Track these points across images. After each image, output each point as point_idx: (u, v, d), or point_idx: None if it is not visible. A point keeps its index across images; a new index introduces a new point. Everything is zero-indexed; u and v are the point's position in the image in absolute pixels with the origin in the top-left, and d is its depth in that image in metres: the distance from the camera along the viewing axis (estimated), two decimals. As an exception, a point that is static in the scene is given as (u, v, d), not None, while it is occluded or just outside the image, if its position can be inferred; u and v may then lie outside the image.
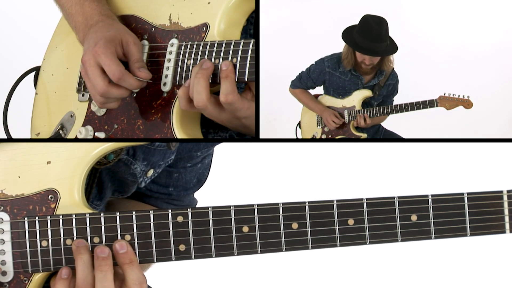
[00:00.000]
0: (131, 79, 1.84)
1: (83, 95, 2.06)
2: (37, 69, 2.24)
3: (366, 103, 3.35)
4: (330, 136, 3.43)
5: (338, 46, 3.30)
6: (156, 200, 2.23)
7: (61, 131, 2.07)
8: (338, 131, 3.41)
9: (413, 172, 3.77)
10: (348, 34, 3.21)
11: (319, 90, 3.48)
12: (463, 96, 3.16)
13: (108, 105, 1.89)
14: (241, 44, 1.76)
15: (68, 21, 2.06)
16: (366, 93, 3.32)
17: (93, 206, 2.01)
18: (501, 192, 1.67)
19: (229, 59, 1.76)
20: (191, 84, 1.77)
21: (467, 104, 3.16)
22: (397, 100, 3.40)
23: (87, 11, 1.98)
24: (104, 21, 1.94)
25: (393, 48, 3.19)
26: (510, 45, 3.93)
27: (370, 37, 3.12)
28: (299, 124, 3.59)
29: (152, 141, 1.96)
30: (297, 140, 3.67)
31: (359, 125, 3.33)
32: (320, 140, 3.58)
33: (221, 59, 1.77)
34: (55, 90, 2.17)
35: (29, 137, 2.20)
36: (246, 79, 1.75)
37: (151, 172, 2.04)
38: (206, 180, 2.29)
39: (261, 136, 1.88)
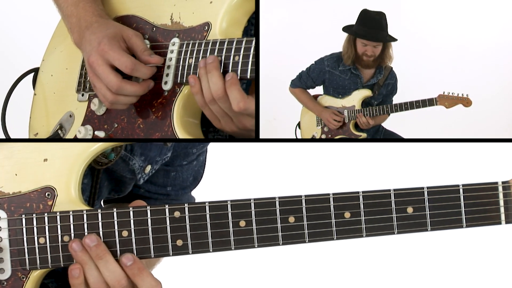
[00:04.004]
0: (143, 67, 1.85)
1: (82, 95, 2.06)
2: (35, 70, 2.25)
3: (366, 103, 3.35)
4: (329, 136, 3.43)
5: (338, 45, 3.30)
6: (155, 202, 2.23)
7: (59, 131, 2.08)
8: (338, 131, 3.41)
9: (413, 172, 3.77)
10: (348, 29, 3.23)
11: (319, 90, 3.48)
12: (462, 94, 3.16)
13: (117, 105, 1.90)
14: (244, 42, 1.77)
15: (64, 22, 2.07)
16: (366, 92, 3.33)
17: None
18: (496, 183, 1.67)
19: (231, 57, 1.77)
20: (204, 83, 1.78)
21: (466, 102, 3.17)
22: (397, 99, 3.40)
23: (81, 12, 1.99)
24: (98, 22, 1.95)
25: (393, 38, 3.20)
26: (510, 45, 3.93)
27: (371, 24, 3.14)
28: (298, 125, 3.60)
29: (152, 141, 1.97)
30: (297, 140, 3.67)
31: (363, 126, 3.33)
32: (320, 140, 3.58)
33: (223, 57, 1.78)
34: (54, 90, 2.17)
35: (27, 137, 2.21)
36: (248, 77, 1.75)
37: (148, 168, 2.04)
38: (202, 177, 2.30)
39: (261, 136, 1.88)
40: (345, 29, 3.24)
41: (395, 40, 3.21)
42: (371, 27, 3.15)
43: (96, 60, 1.85)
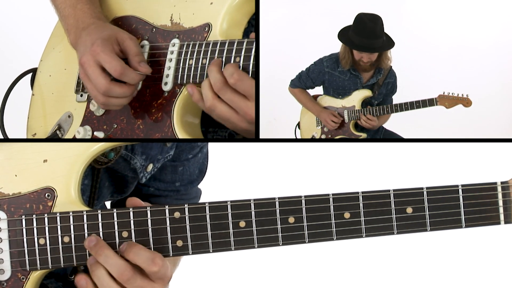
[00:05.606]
0: (132, 73, 1.84)
1: (81, 95, 2.06)
2: (33, 71, 2.25)
3: (366, 103, 3.36)
4: (329, 136, 3.44)
5: (338, 45, 3.30)
6: (166, 199, 2.25)
7: (58, 132, 2.07)
8: (338, 131, 3.41)
9: (412, 172, 3.77)
10: (344, 34, 3.22)
11: (319, 90, 3.48)
12: (462, 94, 3.16)
13: (110, 106, 1.89)
14: (245, 43, 1.77)
15: (62, 23, 2.07)
16: (366, 92, 3.33)
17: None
18: (495, 183, 1.67)
19: (232, 58, 1.77)
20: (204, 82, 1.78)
21: (466, 102, 3.17)
22: (397, 99, 3.40)
23: (79, 14, 1.99)
24: (95, 24, 1.95)
25: (390, 43, 3.20)
26: (510, 44, 3.93)
27: (366, 34, 3.13)
28: (298, 125, 3.60)
29: (152, 141, 1.97)
30: (296, 140, 3.67)
31: (368, 126, 3.33)
32: (320, 140, 3.58)
33: (224, 58, 1.78)
34: (52, 91, 2.17)
35: (25, 138, 2.21)
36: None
37: (150, 166, 2.04)
38: (206, 170, 2.31)
39: (261, 136, 1.88)
40: (340, 36, 3.23)
41: (391, 46, 3.20)
42: (365, 37, 3.14)
43: (88, 60, 1.85)
